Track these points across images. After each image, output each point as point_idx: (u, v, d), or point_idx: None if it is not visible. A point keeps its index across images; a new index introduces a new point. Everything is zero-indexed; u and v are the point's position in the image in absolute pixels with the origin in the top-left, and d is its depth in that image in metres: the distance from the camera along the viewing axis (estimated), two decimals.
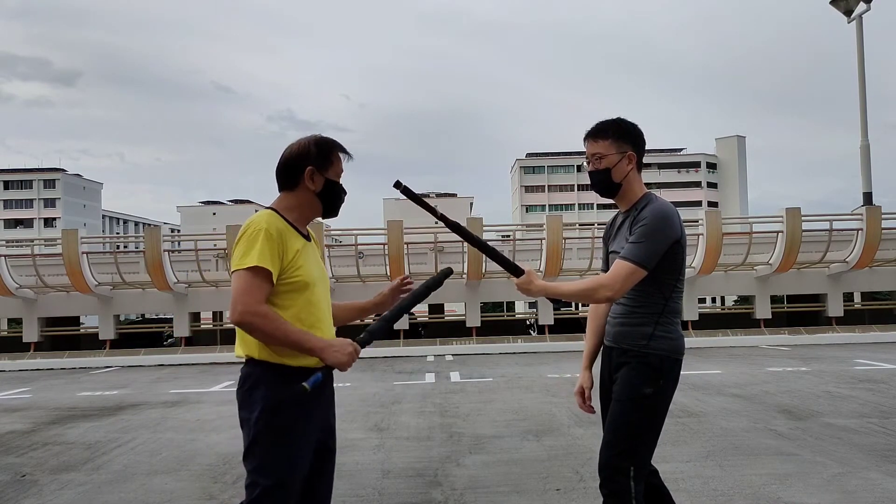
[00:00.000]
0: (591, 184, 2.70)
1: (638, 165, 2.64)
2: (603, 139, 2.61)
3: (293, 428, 2.24)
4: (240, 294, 2.13)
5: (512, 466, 5.04)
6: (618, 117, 2.66)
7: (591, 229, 21.58)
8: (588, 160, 2.67)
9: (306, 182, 2.33)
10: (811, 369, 10.57)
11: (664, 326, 2.53)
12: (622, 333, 2.59)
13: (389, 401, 8.60)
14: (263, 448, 2.21)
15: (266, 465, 2.21)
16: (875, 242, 16.20)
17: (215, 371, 13.75)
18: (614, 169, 2.60)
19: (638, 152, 2.63)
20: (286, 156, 2.36)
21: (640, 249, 2.44)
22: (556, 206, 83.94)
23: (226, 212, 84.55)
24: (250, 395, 2.25)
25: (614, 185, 2.62)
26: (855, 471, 4.60)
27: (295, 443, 2.24)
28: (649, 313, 2.53)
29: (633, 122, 2.67)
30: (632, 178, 2.62)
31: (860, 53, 18.43)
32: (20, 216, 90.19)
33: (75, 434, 7.00)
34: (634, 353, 2.53)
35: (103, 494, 4.66)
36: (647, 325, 2.53)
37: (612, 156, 2.60)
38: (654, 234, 2.45)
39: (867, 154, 18.38)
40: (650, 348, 2.51)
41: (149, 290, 17.34)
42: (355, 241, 18.10)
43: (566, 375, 10.80)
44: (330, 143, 2.39)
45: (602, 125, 2.64)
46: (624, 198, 2.65)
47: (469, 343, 16.93)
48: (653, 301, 2.53)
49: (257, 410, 2.21)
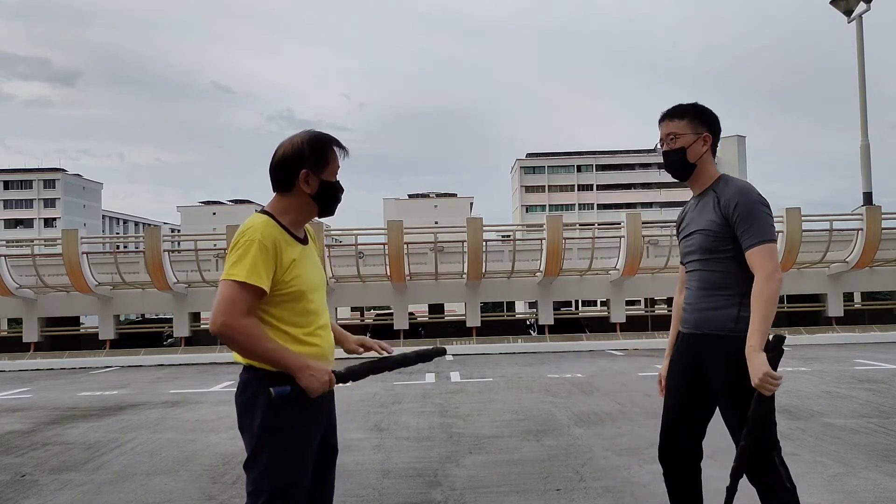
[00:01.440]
0: (664, 164, 2.68)
1: (712, 149, 2.65)
2: (679, 119, 2.62)
3: (297, 431, 2.20)
4: (223, 304, 2.07)
5: (512, 466, 5.03)
6: (695, 101, 2.67)
7: (591, 229, 21.62)
8: (662, 140, 2.67)
9: (301, 185, 2.24)
10: (811, 369, 10.57)
11: (748, 307, 2.46)
12: (705, 319, 2.57)
13: (389, 401, 8.60)
14: (267, 453, 2.16)
15: (271, 471, 2.16)
16: (875, 242, 16.21)
17: (215, 371, 13.75)
18: (689, 149, 2.61)
19: (714, 135, 2.63)
20: (279, 157, 2.25)
21: (762, 228, 2.44)
22: (556, 206, 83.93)
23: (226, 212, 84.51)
24: (252, 401, 2.18)
25: (689, 166, 2.63)
26: (855, 471, 4.60)
27: (300, 447, 2.20)
28: (732, 294, 2.51)
29: (709, 108, 2.68)
30: (706, 160, 2.63)
31: (860, 53, 18.42)
32: (20, 216, 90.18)
33: (75, 434, 7.00)
34: (721, 337, 2.50)
35: (103, 494, 4.66)
36: (731, 307, 2.51)
37: (688, 136, 2.61)
38: (758, 213, 2.45)
39: (867, 154, 18.38)
40: (737, 331, 2.47)
41: (149, 290, 17.35)
42: (355, 241, 18.11)
43: (566, 375, 10.79)
44: (324, 141, 2.28)
45: (680, 106, 2.66)
46: (697, 180, 2.66)
47: (469, 343, 16.93)
48: (736, 282, 2.51)
49: (259, 417, 2.16)
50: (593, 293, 18.88)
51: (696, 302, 2.61)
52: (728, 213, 2.49)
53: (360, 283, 17.68)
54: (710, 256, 2.56)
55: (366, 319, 23.05)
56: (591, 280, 17.82)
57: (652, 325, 19.41)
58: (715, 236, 2.53)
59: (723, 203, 2.52)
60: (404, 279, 16.75)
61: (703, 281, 2.59)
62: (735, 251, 2.49)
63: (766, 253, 2.42)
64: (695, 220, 2.65)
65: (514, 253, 17.30)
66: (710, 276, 2.56)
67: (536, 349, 16.17)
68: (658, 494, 4.14)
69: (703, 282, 2.59)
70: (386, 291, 17.74)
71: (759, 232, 2.44)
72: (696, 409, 2.68)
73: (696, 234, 2.61)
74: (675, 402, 2.73)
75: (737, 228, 2.47)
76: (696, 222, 2.63)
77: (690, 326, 2.64)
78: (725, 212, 2.50)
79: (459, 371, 12.02)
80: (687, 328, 2.67)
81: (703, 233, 2.57)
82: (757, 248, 2.43)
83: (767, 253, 2.42)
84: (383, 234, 17.21)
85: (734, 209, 2.47)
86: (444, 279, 17.55)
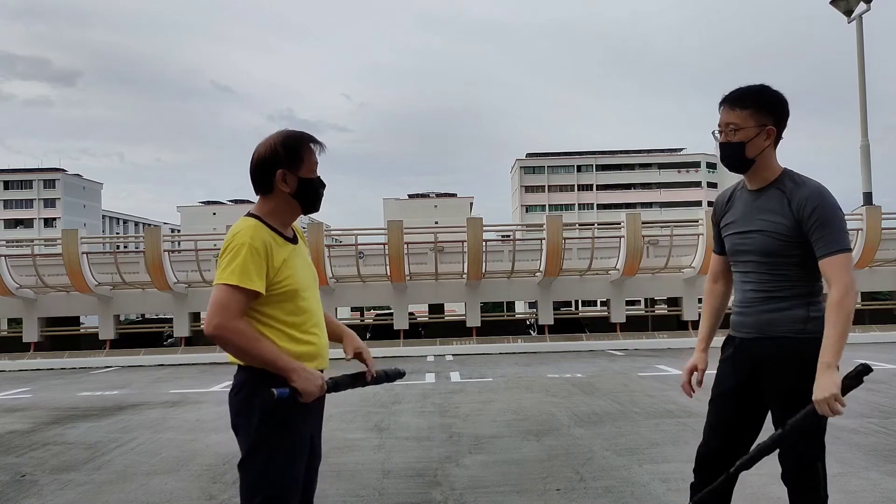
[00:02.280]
0: (720, 156, 2.45)
1: (776, 140, 2.40)
2: (742, 108, 2.37)
3: (293, 433, 2.21)
4: (217, 307, 2.09)
5: (512, 466, 5.03)
6: (762, 84, 2.40)
7: (591, 229, 21.62)
8: (720, 129, 2.42)
9: (279, 185, 2.24)
10: None
11: (816, 306, 2.34)
12: (770, 321, 2.37)
13: (389, 401, 8.60)
14: (264, 454, 2.17)
15: (267, 473, 2.16)
16: (875, 242, 16.21)
17: (215, 371, 13.75)
18: (750, 143, 2.36)
19: (779, 127, 2.39)
20: (255, 160, 2.26)
21: (840, 235, 2.26)
22: (556, 206, 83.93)
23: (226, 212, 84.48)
24: (248, 402, 2.18)
25: (746, 161, 2.39)
26: (855, 471, 4.60)
27: (296, 448, 2.22)
28: (798, 295, 2.35)
29: (778, 91, 2.41)
30: (768, 155, 2.38)
31: (860, 53, 18.42)
32: (20, 216, 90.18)
33: (75, 434, 7.00)
34: (790, 339, 2.33)
35: (103, 494, 4.66)
36: (799, 308, 2.34)
37: (750, 128, 2.36)
38: (836, 219, 2.28)
39: (867, 154, 18.37)
40: (808, 332, 2.31)
41: (149, 290, 17.35)
42: (355, 241, 18.12)
43: (566, 375, 10.79)
44: (297, 139, 2.27)
45: (743, 92, 2.39)
46: (757, 175, 2.42)
47: (469, 343, 16.94)
48: (801, 283, 2.35)
49: (256, 416, 2.17)
50: (593, 293, 18.89)
51: (757, 304, 2.41)
52: (802, 217, 2.28)
53: (360, 283, 17.68)
54: (774, 259, 2.36)
55: (366, 319, 23.06)
56: (591, 280, 17.82)
57: (652, 325, 19.41)
58: (783, 240, 2.33)
59: (795, 205, 2.30)
60: (404, 279, 16.75)
61: (762, 283, 2.39)
62: (802, 256, 2.32)
63: (845, 264, 2.25)
64: (752, 216, 2.41)
65: (514, 253, 17.31)
66: (773, 279, 2.37)
67: (536, 349, 16.17)
68: (658, 494, 4.14)
69: (762, 284, 2.39)
70: (386, 291, 17.75)
71: (837, 240, 2.25)
72: (749, 423, 2.51)
73: (757, 234, 2.38)
74: (728, 416, 2.51)
75: (812, 234, 2.28)
76: (756, 221, 2.39)
77: (751, 329, 2.42)
78: (799, 214, 2.29)
79: (459, 371, 12.02)
80: (746, 332, 2.44)
81: (769, 235, 2.35)
82: (835, 258, 2.25)
83: (846, 264, 2.25)
84: (383, 234, 17.22)
85: (811, 213, 2.27)
86: (444, 279, 17.56)
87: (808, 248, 2.31)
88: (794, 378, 2.31)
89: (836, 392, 2.16)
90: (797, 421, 2.26)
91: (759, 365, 2.41)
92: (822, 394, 2.17)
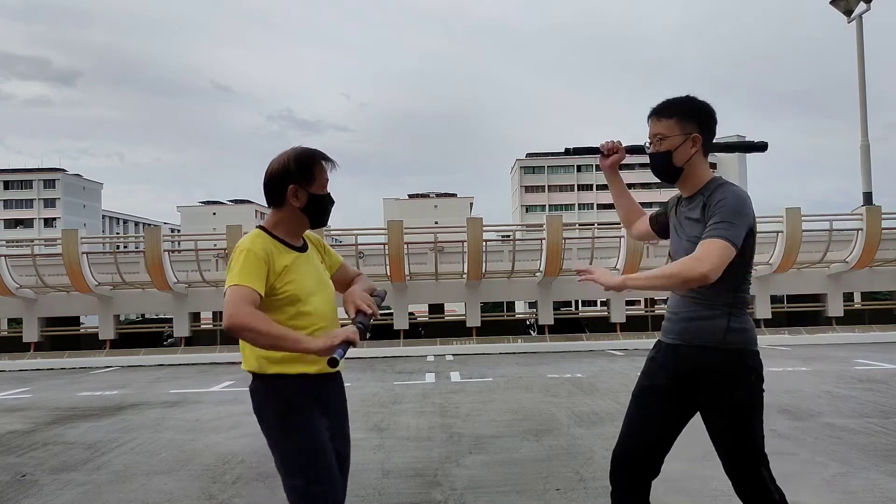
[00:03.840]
0: (650, 166, 2.50)
1: (705, 148, 2.44)
2: (667, 118, 2.42)
3: (307, 424, 2.32)
4: (228, 304, 2.22)
5: (512, 466, 5.04)
6: (687, 95, 2.45)
7: (591, 229, 21.59)
8: (650, 140, 2.47)
9: (290, 199, 2.37)
10: (811, 369, 10.57)
11: (738, 318, 2.36)
12: (693, 329, 2.39)
13: (389, 401, 8.60)
14: (286, 449, 2.31)
15: (293, 465, 2.30)
16: (875, 242, 16.20)
17: (215, 371, 13.76)
18: (676, 152, 2.41)
19: (705, 135, 2.42)
20: (268, 175, 2.39)
21: (728, 228, 2.25)
22: (556, 206, 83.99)
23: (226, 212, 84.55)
24: (262, 407, 2.35)
25: (675, 170, 2.44)
26: (855, 471, 4.60)
27: (312, 437, 2.32)
28: (721, 304, 2.35)
29: (703, 101, 2.44)
30: (695, 163, 2.42)
31: (860, 53, 18.42)
32: (20, 216, 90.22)
33: (75, 434, 7.00)
34: (712, 349, 2.35)
35: (103, 494, 4.66)
36: (720, 318, 2.35)
37: (675, 137, 2.40)
38: (736, 216, 2.27)
39: (867, 154, 18.37)
40: (728, 343, 2.34)
41: (149, 290, 17.33)
42: (355, 241, 18.10)
43: (566, 375, 10.79)
44: (310, 156, 2.39)
45: (668, 102, 2.44)
46: (687, 183, 2.46)
47: (469, 343, 16.93)
48: (723, 291, 2.34)
49: (271, 419, 2.32)
50: (593, 293, 18.87)
51: (683, 310, 2.44)
52: (710, 217, 2.31)
53: None
54: None
55: None
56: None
57: (652, 325, 19.40)
58: None
59: (708, 206, 2.34)
60: (404, 279, 16.75)
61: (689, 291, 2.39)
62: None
63: (715, 246, 2.22)
64: (682, 224, 2.47)
65: (514, 253, 17.30)
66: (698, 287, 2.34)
67: (536, 349, 16.17)
68: (658, 494, 4.13)
69: (689, 291, 2.39)
70: (386, 291, 17.70)
71: (727, 230, 2.24)
72: (673, 424, 2.52)
73: (686, 241, 2.42)
74: (648, 416, 2.51)
75: (708, 221, 2.29)
76: (685, 228, 2.45)
77: (676, 337, 2.46)
78: (708, 215, 2.32)
79: (459, 371, 12.02)
80: (672, 338, 2.48)
81: (693, 242, 2.37)
82: (715, 241, 2.23)
83: (716, 247, 2.22)
84: (383, 234, 17.21)
85: (715, 205, 2.30)
86: (444, 279, 17.55)
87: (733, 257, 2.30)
88: (724, 392, 2.35)
89: (621, 281, 2.35)
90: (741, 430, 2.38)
91: (684, 370, 2.43)
92: (611, 279, 2.37)
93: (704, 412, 2.44)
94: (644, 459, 2.51)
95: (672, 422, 2.51)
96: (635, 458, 2.51)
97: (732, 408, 2.33)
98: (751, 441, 2.37)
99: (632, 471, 2.52)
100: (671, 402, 2.48)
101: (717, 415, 2.39)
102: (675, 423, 2.51)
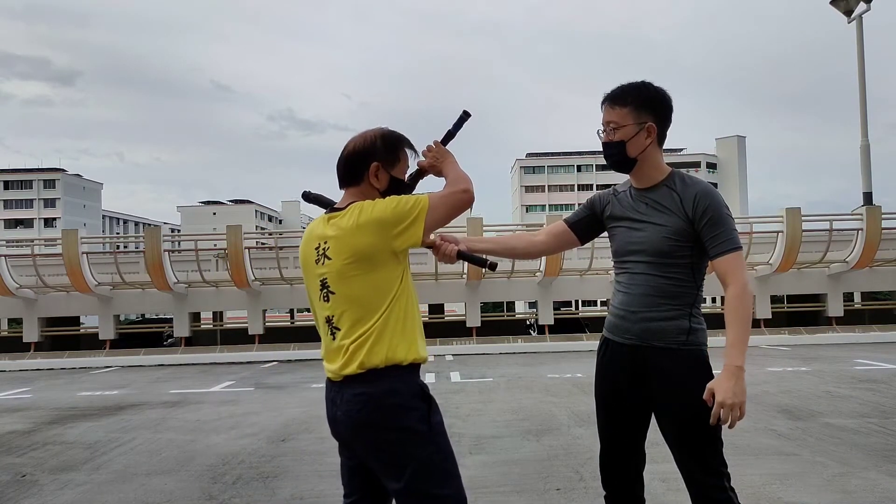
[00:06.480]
0: (603, 155, 2.39)
1: (659, 139, 2.33)
2: (621, 106, 2.29)
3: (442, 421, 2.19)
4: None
5: (512, 466, 5.03)
6: (642, 81, 2.33)
7: None
8: (603, 128, 2.35)
9: (371, 178, 2.17)
10: (811, 369, 10.57)
11: (697, 318, 2.29)
12: (654, 330, 2.28)
13: None
14: (433, 452, 2.08)
15: (443, 473, 2.08)
16: (875, 242, 16.21)
17: (215, 371, 13.75)
18: (630, 142, 2.29)
19: (660, 124, 2.31)
20: (349, 149, 2.20)
21: (730, 234, 2.21)
22: (556, 206, 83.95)
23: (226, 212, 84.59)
24: (405, 406, 2.07)
25: (629, 160, 2.32)
26: (855, 471, 4.60)
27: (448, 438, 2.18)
28: (683, 304, 2.27)
29: (659, 88, 2.32)
30: (650, 154, 2.31)
31: (860, 53, 18.42)
32: (20, 216, 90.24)
33: (75, 434, 7.00)
34: (673, 351, 2.26)
35: (103, 494, 4.66)
36: (682, 319, 2.27)
37: (629, 126, 2.28)
38: (726, 217, 2.23)
39: (867, 154, 18.38)
40: (690, 343, 2.26)
41: (149, 290, 17.34)
42: None
43: (566, 375, 10.79)
44: (397, 138, 2.24)
45: (623, 89, 2.31)
46: (643, 174, 2.34)
47: (469, 343, 16.93)
48: (686, 290, 2.28)
49: (416, 419, 2.08)
50: (593, 293, 18.88)
51: (641, 310, 2.30)
52: (695, 215, 2.22)
53: None
54: (665, 261, 2.27)
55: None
56: (591, 280, 17.82)
57: None
58: (675, 239, 2.25)
59: (687, 202, 2.24)
60: None
61: (650, 287, 2.29)
62: (692, 260, 2.26)
63: (739, 262, 2.19)
64: (642, 213, 2.33)
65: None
66: (661, 282, 2.27)
67: (536, 349, 16.17)
68: (658, 494, 4.14)
69: (650, 288, 2.29)
70: None
71: (730, 238, 2.20)
72: (640, 424, 2.44)
73: (651, 228, 2.29)
74: (620, 421, 2.44)
75: (704, 232, 2.22)
76: (649, 216, 2.31)
77: (633, 337, 2.32)
78: (693, 213, 2.23)
79: (459, 371, 12.02)
80: (628, 338, 2.34)
81: (661, 233, 2.26)
82: (729, 256, 2.19)
83: (740, 262, 2.20)
84: None
85: (703, 211, 2.21)
86: (444, 279, 17.56)
87: (698, 251, 2.26)
88: (684, 394, 2.25)
89: (744, 400, 2.10)
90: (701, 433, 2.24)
91: (642, 372, 2.32)
92: (732, 399, 2.09)
93: (662, 414, 2.35)
94: (629, 461, 2.47)
95: (638, 422, 2.45)
96: (620, 462, 2.47)
97: (693, 408, 2.22)
98: (710, 446, 2.26)
99: (621, 474, 2.48)
100: (635, 402, 2.39)
101: (679, 418, 2.29)
102: (640, 422, 2.45)
